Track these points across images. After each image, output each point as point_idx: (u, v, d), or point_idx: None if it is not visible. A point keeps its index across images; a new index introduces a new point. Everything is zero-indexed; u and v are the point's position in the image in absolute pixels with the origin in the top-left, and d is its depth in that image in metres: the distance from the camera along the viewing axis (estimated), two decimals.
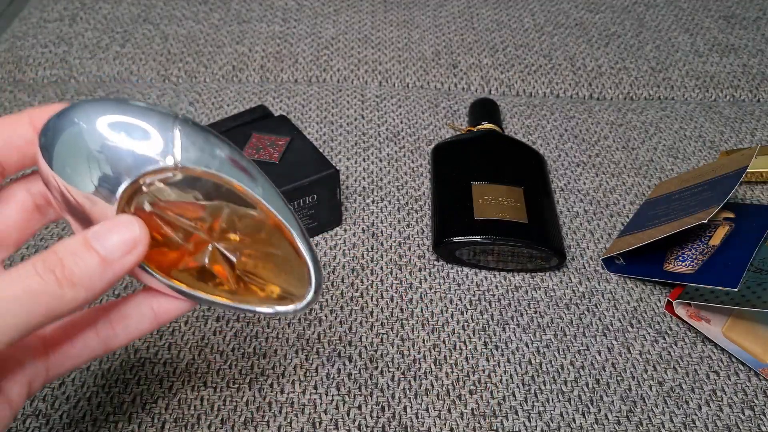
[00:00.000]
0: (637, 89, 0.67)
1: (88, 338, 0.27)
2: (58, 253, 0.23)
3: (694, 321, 0.43)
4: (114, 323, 0.28)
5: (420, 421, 0.38)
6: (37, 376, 0.26)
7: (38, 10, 0.76)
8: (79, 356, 0.27)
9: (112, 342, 0.28)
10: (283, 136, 0.49)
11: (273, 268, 0.29)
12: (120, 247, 0.23)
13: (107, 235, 0.23)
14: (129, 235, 0.23)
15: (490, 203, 0.47)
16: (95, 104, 0.24)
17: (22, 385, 0.26)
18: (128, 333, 0.28)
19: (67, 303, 0.22)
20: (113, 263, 0.23)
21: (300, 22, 0.74)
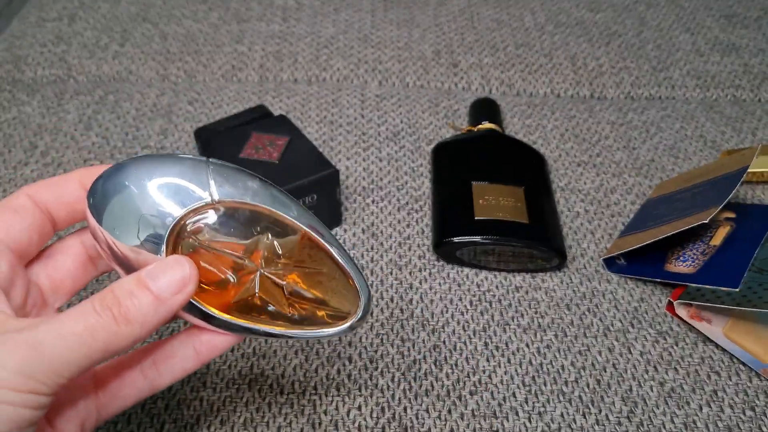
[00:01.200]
0: (638, 89, 0.67)
1: (135, 379, 0.28)
2: (114, 292, 0.24)
3: (695, 321, 0.43)
4: (158, 363, 0.28)
5: (420, 421, 0.38)
6: (88, 417, 0.27)
7: (37, 9, 0.76)
8: (127, 397, 0.28)
9: (157, 382, 0.29)
10: (282, 135, 0.48)
11: (320, 288, 0.30)
12: (172, 285, 0.25)
13: (159, 275, 0.25)
14: (180, 273, 0.25)
15: (490, 203, 0.47)
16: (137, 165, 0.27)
17: (76, 426, 0.27)
18: (173, 373, 0.29)
19: (122, 339, 0.24)
20: (166, 301, 0.25)
21: (299, 22, 0.74)
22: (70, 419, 0.27)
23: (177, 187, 0.27)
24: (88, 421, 0.27)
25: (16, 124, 0.58)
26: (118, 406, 0.28)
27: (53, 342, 0.22)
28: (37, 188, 0.28)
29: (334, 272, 0.30)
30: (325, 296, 0.30)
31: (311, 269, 0.29)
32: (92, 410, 0.27)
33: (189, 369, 0.29)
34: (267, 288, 0.29)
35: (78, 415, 0.27)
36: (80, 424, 0.27)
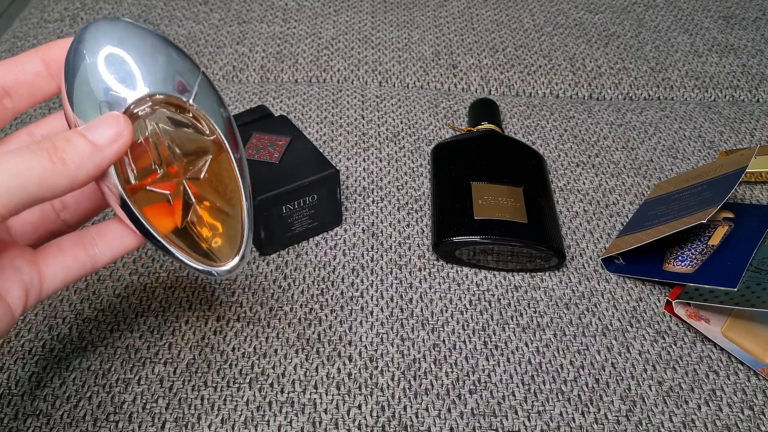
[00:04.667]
0: (637, 89, 0.67)
1: (76, 251, 0.29)
2: (51, 139, 0.25)
3: (694, 321, 0.43)
4: (97, 239, 0.30)
5: (420, 420, 0.38)
6: (32, 286, 0.28)
7: (39, 11, 0.76)
8: (69, 268, 0.29)
9: (99, 258, 0.30)
10: (283, 136, 0.49)
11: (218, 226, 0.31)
12: (107, 135, 0.26)
13: (96, 127, 0.26)
14: (115, 126, 0.26)
15: (489, 203, 0.47)
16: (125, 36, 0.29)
17: (20, 290, 0.27)
18: (112, 249, 0.30)
19: (57, 177, 0.25)
20: (102, 148, 0.26)
21: (300, 23, 0.74)
22: (12, 280, 0.27)
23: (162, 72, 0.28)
24: (31, 289, 0.28)
25: (17, 125, 0.59)
26: (61, 278, 0.29)
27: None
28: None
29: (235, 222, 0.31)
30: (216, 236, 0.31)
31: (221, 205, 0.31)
32: (35, 278, 0.28)
33: (129, 244, 0.30)
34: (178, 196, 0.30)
35: (20, 279, 0.28)
36: (24, 289, 0.28)
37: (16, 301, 0.27)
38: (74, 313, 0.43)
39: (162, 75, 0.29)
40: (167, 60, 0.29)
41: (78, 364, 0.40)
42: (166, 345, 0.41)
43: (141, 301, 0.44)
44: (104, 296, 0.44)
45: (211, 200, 0.31)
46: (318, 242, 0.49)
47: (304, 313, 0.44)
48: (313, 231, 0.49)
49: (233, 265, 0.31)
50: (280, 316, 0.43)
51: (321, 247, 0.48)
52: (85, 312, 0.43)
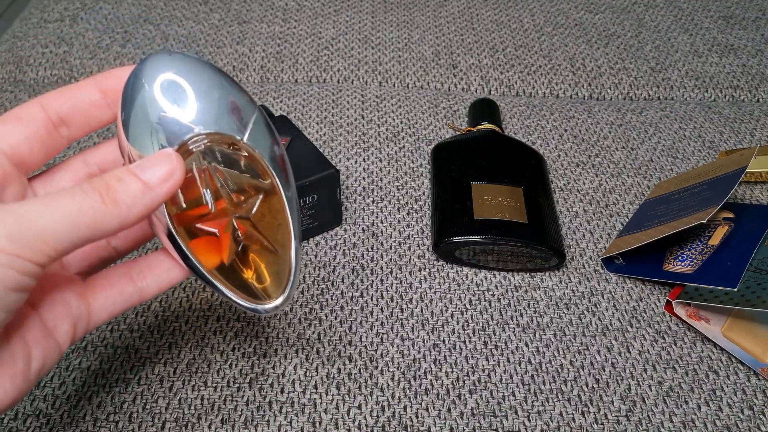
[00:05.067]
0: (637, 89, 0.67)
1: (124, 285, 0.29)
2: (104, 178, 0.25)
3: (694, 321, 0.43)
4: (145, 272, 0.30)
5: (420, 420, 0.38)
6: (80, 319, 0.28)
7: (39, 11, 0.76)
8: (116, 302, 0.29)
9: (146, 290, 0.30)
10: (283, 136, 0.49)
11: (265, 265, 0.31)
12: (159, 174, 0.26)
13: (148, 165, 0.26)
14: (167, 164, 0.26)
15: (489, 203, 0.47)
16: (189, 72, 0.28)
17: (69, 325, 0.28)
18: (158, 282, 0.30)
19: (109, 219, 0.25)
20: (154, 188, 0.26)
21: (300, 23, 0.74)
22: (61, 316, 0.27)
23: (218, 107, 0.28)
24: (79, 323, 0.28)
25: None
26: (109, 311, 0.29)
27: (40, 212, 0.23)
28: (52, 96, 0.28)
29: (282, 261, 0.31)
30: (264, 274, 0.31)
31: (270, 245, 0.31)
32: (83, 312, 0.28)
33: (175, 278, 0.30)
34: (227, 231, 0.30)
35: (69, 313, 0.28)
36: (72, 324, 0.28)
37: (64, 336, 0.27)
38: None
39: (218, 110, 0.28)
40: (224, 95, 0.29)
41: (78, 364, 0.40)
42: (166, 345, 0.41)
43: None
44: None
45: (259, 239, 0.30)
46: (318, 242, 0.49)
47: (304, 313, 0.44)
48: (313, 231, 0.49)
49: (278, 304, 0.30)
50: (280, 316, 0.43)
51: (321, 247, 0.48)
52: None
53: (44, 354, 0.26)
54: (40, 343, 0.26)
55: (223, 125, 0.28)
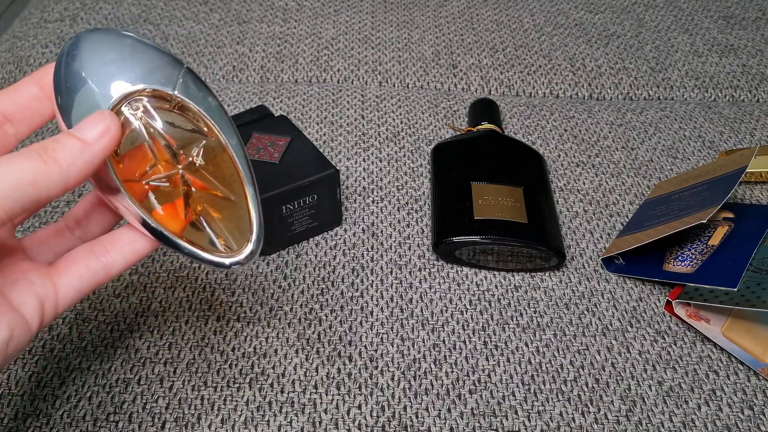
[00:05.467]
0: (637, 89, 0.67)
1: (88, 260, 0.29)
2: (41, 142, 0.26)
3: (694, 321, 0.43)
4: (108, 246, 0.30)
5: (420, 420, 0.38)
6: (47, 297, 0.28)
7: (39, 11, 0.76)
8: (82, 277, 0.29)
9: (112, 265, 0.30)
10: (283, 136, 0.49)
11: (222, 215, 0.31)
12: (95, 131, 0.27)
13: (83, 125, 0.27)
14: (102, 122, 0.27)
15: (489, 203, 0.47)
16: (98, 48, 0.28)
17: (35, 301, 0.28)
18: (124, 254, 0.30)
19: (50, 176, 0.25)
20: (91, 144, 0.26)
21: (300, 23, 0.74)
22: (25, 294, 0.28)
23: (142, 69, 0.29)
24: (46, 301, 0.28)
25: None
26: (75, 287, 0.29)
27: None
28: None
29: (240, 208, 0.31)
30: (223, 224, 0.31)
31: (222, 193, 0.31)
32: (49, 290, 0.28)
33: (140, 249, 0.30)
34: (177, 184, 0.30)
35: (33, 291, 0.28)
36: (38, 301, 0.28)
37: (31, 312, 0.28)
38: (74, 313, 0.43)
39: (142, 70, 0.29)
40: (147, 58, 0.29)
41: (78, 364, 0.40)
42: (166, 345, 0.41)
43: (141, 301, 0.44)
44: (104, 296, 0.44)
45: (212, 188, 0.30)
46: (318, 242, 0.49)
47: (304, 313, 0.44)
48: (313, 231, 0.49)
49: (248, 253, 0.30)
50: (280, 316, 0.43)
51: (321, 247, 0.48)
52: (85, 312, 0.43)
53: (10, 326, 0.26)
54: (5, 315, 0.26)
55: (151, 81, 0.29)
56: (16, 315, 0.27)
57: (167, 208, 0.30)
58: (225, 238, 0.31)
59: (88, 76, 0.28)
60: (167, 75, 0.30)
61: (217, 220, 0.31)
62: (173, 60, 0.30)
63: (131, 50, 0.29)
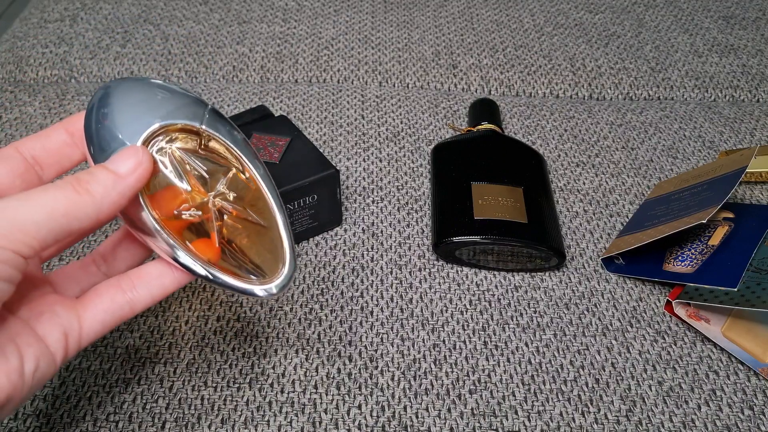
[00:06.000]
0: (637, 89, 0.67)
1: (114, 294, 0.30)
2: (75, 175, 0.27)
3: (694, 321, 0.43)
4: (135, 281, 0.30)
5: (420, 420, 0.38)
6: (71, 329, 0.28)
7: (39, 11, 0.76)
8: (107, 311, 0.29)
9: (137, 300, 0.30)
10: (283, 136, 0.49)
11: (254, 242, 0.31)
12: (128, 165, 0.27)
13: (116, 158, 0.28)
14: (134, 156, 0.28)
15: (489, 203, 0.47)
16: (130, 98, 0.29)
17: (59, 334, 0.28)
18: (150, 289, 0.30)
19: (83, 207, 0.26)
20: (124, 177, 0.27)
21: (300, 23, 0.74)
22: (50, 325, 0.28)
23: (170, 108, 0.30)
24: (71, 333, 0.28)
25: (17, 125, 0.59)
26: (100, 320, 0.29)
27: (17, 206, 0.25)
28: (24, 141, 0.30)
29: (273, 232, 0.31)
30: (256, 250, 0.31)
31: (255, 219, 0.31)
32: (74, 323, 0.29)
33: (167, 285, 0.30)
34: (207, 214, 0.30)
35: (59, 323, 0.28)
36: (62, 333, 0.28)
37: (55, 344, 0.28)
38: None
39: (169, 110, 0.30)
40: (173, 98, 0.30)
41: (78, 364, 0.40)
42: (166, 345, 0.41)
43: None
44: None
45: (244, 215, 0.31)
46: (318, 242, 0.49)
47: (304, 313, 0.44)
48: (313, 231, 0.49)
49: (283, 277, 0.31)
50: (280, 316, 0.43)
51: (321, 247, 0.48)
52: None
53: (36, 357, 0.27)
54: (32, 346, 0.27)
55: (178, 118, 0.30)
56: (41, 346, 0.27)
57: (200, 241, 0.30)
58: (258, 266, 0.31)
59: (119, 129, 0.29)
60: (193, 112, 0.30)
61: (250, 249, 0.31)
62: (198, 99, 0.31)
63: (158, 92, 0.30)
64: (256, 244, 0.31)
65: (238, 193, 0.31)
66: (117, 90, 0.29)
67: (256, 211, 0.31)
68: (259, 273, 0.31)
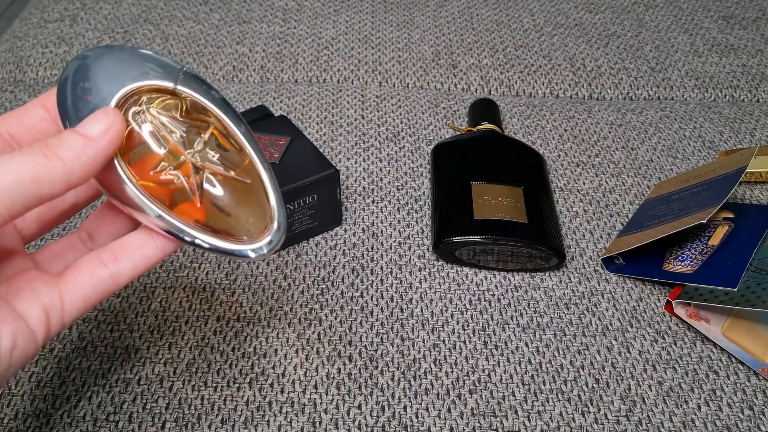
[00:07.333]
0: (637, 89, 0.67)
1: (94, 267, 0.29)
2: (44, 140, 0.26)
3: (694, 321, 0.43)
4: (116, 252, 0.29)
5: (420, 420, 0.38)
6: (52, 306, 0.28)
7: (39, 11, 0.76)
8: (89, 285, 0.28)
9: (120, 273, 0.29)
10: (283, 136, 0.49)
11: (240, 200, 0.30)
12: (98, 127, 0.26)
13: (87, 122, 0.27)
14: (105, 118, 0.27)
15: (489, 203, 0.47)
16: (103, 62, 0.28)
17: (40, 310, 0.27)
18: (132, 260, 0.29)
19: (53, 171, 0.25)
20: (95, 139, 0.26)
21: (300, 23, 0.74)
22: (29, 301, 0.27)
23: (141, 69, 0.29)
24: (52, 310, 0.27)
25: None
26: (82, 296, 0.28)
27: None
28: (1, 118, 0.29)
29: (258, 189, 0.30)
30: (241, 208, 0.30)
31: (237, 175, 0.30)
32: (55, 299, 0.28)
33: (150, 255, 0.29)
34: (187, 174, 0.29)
35: (38, 299, 0.27)
36: (43, 309, 0.27)
37: (36, 321, 0.27)
38: None
39: (142, 71, 0.29)
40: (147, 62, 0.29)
41: (78, 364, 0.40)
42: (166, 345, 0.41)
43: (141, 301, 0.44)
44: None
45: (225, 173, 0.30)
46: (318, 242, 0.49)
47: (304, 313, 0.44)
48: (313, 231, 0.49)
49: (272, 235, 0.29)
50: (280, 316, 0.43)
51: (321, 247, 0.48)
52: None
53: (13, 333, 0.26)
54: (9, 323, 0.26)
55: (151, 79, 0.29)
56: (20, 323, 0.26)
57: (183, 205, 0.29)
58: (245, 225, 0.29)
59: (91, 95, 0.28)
60: (167, 73, 0.29)
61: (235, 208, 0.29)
62: (171, 62, 0.30)
63: (130, 56, 0.29)
64: (242, 203, 0.30)
65: (218, 152, 0.30)
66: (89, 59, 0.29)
67: (239, 169, 0.30)
68: (248, 233, 0.29)
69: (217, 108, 0.30)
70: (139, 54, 0.29)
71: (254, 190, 0.30)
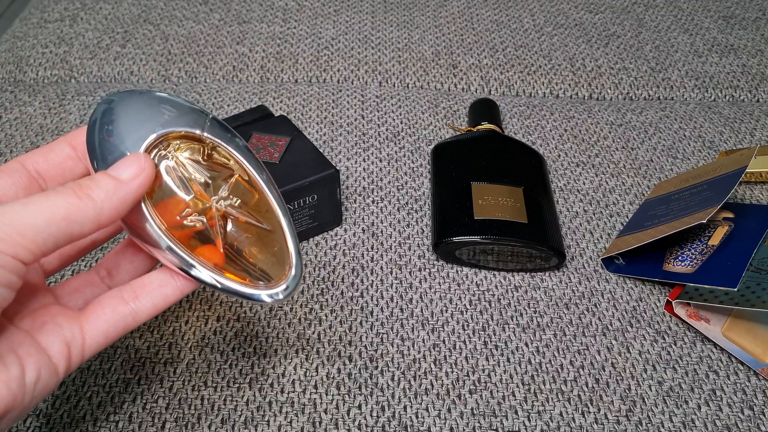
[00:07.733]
0: (637, 89, 0.67)
1: (116, 305, 0.29)
2: (77, 181, 0.27)
3: (694, 321, 0.43)
4: (138, 291, 0.30)
5: (420, 420, 0.38)
6: (74, 340, 0.28)
7: (39, 11, 0.76)
8: (110, 321, 0.29)
9: (140, 311, 0.30)
10: (283, 136, 0.49)
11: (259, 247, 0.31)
12: (129, 171, 0.28)
13: (119, 165, 0.28)
14: (136, 162, 0.28)
15: (489, 203, 0.47)
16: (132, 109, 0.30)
17: (62, 345, 0.28)
18: (153, 299, 0.30)
19: (84, 211, 0.26)
20: (126, 183, 0.27)
21: (300, 23, 0.74)
22: (52, 336, 0.28)
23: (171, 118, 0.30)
24: (74, 344, 0.28)
25: (17, 125, 0.59)
26: (103, 332, 0.29)
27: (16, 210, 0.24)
28: (28, 155, 0.30)
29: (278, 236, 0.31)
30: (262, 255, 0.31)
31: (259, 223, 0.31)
32: (77, 334, 0.28)
33: (169, 295, 0.30)
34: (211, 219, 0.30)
35: (61, 334, 0.28)
36: (65, 343, 0.28)
37: (58, 355, 0.28)
38: None
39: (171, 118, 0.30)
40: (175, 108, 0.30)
41: None
42: (166, 345, 0.41)
43: None
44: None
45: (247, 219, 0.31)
46: (318, 242, 0.49)
47: (304, 313, 0.44)
48: (313, 231, 0.49)
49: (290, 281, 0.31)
50: (280, 316, 0.43)
51: (321, 247, 0.48)
52: None
53: (37, 367, 0.27)
54: (33, 356, 0.27)
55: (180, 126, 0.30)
56: (43, 356, 0.27)
57: (205, 248, 0.30)
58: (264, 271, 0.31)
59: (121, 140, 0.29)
60: (195, 120, 0.30)
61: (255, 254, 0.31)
62: (199, 109, 0.31)
63: (159, 103, 0.30)
64: (262, 249, 0.31)
65: (241, 199, 0.31)
66: (119, 103, 0.30)
67: (260, 216, 0.32)
68: (265, 278, 0.31)
69: (241, 156, 0.31)
70: (169, 100, 0.31)
71: (274, 237, 0.31)
